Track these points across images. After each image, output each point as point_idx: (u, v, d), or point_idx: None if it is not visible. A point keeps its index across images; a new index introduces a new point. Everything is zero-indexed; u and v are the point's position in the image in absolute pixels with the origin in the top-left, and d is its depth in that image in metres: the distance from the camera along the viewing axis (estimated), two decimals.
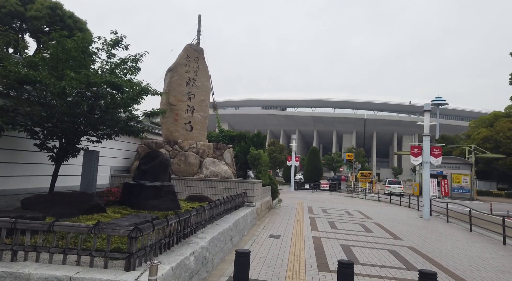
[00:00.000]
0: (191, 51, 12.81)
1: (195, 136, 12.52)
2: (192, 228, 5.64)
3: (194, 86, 12.67)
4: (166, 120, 12.39)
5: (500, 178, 48.60)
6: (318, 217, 13.15)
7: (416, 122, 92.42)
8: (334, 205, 18.75)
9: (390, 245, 8.50)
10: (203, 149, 12.07)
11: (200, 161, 11.92)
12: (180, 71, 12.52)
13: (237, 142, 16.63)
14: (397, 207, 19.94)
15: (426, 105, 15.37)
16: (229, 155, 12.63)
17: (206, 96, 13.05)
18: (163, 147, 11.84)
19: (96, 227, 3.72)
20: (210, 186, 11.04)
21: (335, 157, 70.14)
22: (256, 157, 13.54)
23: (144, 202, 7.29)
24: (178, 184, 11.01)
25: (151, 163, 8.78)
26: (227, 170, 11.99)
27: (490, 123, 49.38)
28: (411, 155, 16.17)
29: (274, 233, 9.23)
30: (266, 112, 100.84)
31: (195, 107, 12.60)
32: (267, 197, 14.22)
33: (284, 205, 17.30)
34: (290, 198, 22.22)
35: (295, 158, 32.46)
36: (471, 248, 8.92)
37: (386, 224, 12.40)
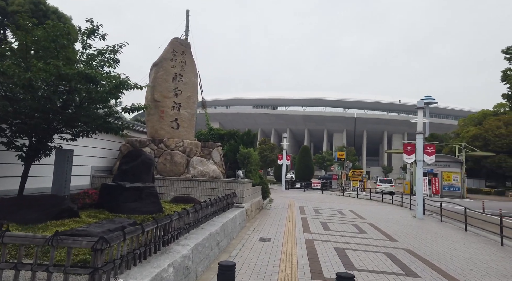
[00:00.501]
0: (177, 45, 12.23)
1: (182, 134, 11.95)
2: (174, 234, 5.11)
3: (181, 82, 12.09)
4: (151, 117, 11.80)
5: (488, 176, 49.08)
6: (310, 218, 12.73)
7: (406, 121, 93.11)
8: (326, 205, 18.38)
9: (386, 248, 8.10)
10: (190, 147, 11.52)
11: (187, 160, 11.37)
12: (166, 66, 11.93)
13: (226, 141, 16.11)
14: (389, 206, 19.68)
15: (419, 103, 15.09)
16: (217, 154, 12.10)
17: (194, 93, 12.49)
18: (148, 146, 11.26)
19: (54, 238, 3.18)
20: (197, 187, 10.50)
21: (326, 156, 70.05)
22: (246, 156, 13.04)
23: (123, 205, 6.72)
24: (163, 184, 10.45)
25: (132, 162, 8.20)
26: (215, 169, 11.46)
27: (479, 121, 49.83)
28: (404, 153, 15.88)
29: (264, 236, 8.75)
30: (257, 111, 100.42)
31: (181, 103, 12.03)
32: (258, 197, 13.74)
33: (275, 205, 16.85)
34: (282, 198, 21.79)
35: (286, 157, 32.07)
36: (468, 249, 8.58)
37: (380, 224, 12.04)
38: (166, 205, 8.09)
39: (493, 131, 43.46)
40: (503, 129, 42.86)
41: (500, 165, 42.47)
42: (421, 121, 15.06)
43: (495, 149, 41.89)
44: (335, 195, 27.68)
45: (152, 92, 11.77)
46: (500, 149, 41.97)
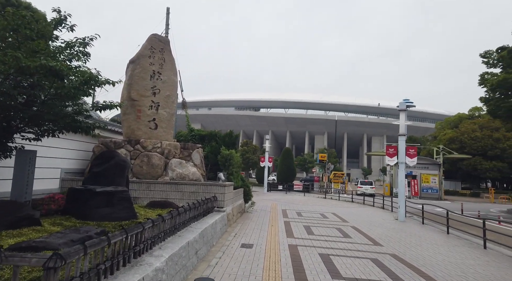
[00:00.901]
0: (155, 42, 11.68)
1: (160, 135, 11.40)
2: (147, 244, 4.64)
3: (159, 80, 11.55)
4: (127, 117, 11.19)
5: (464, 178, 50.50)
6: (293, 221, 12.42)
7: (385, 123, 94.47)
8: (308, 207, 18.16)
9: (372, 253, 7.86)
10: (169, 149, 10.99)
11: (165, 162, 10.83)
12: (143, 63, 11.36)
13: (207, 142, 15.61)
14: (371, 209, 19.67)
15: (402, 104, 15.09)
16: (198, 156, 11.61)
17: (173, 92, 11.96)
18: (123, 147, 10.65)
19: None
20: (176, 190, 9.99)
21: (307, 158, 70.40)
22: (228, 158, 12.61)
23: (93, 211, 6.17)
24: (139, 188, 9.88)
25: (105, 164, 7.63)
26: (195, 172, 10.97)
27: (455, 124, 51.29)
28: (386, 155, 15.86)
29: (246, 242, 8.34)
30: (239, 113, 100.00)
31: (160, 103, 11.48)
32: (239, 200, 13.32)
33: (257, 208, 16.47)
34: (264, 200, 21.44)
35: (268, 159, 31.78)
36: (453, 253, 8.46)
37: (363, 227, 11.86)
38: (141, 211, 7.56)
39: (469, 134, 44.78)
40: (478, 132, 44.23)
41: (476, 167, 43.76)
42: (404, 123, 15.07)
43: (471, 151, 43.15)
44: (317, 198, 27.59)
45: (128, 90, 11.16)
46: (475, 151, 43.27)
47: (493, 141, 43.02)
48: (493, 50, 19.68)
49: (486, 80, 19.22)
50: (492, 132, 43.68)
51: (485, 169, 43.01)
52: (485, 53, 19.74)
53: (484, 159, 43.17)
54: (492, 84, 18.03)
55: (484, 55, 19.77)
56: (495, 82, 17.71)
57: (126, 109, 11.16)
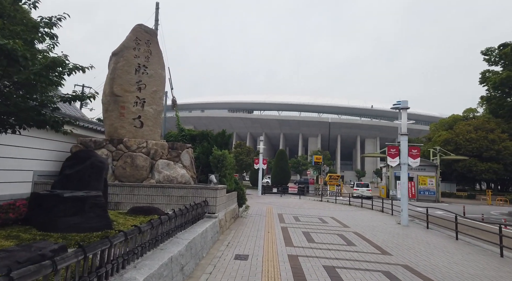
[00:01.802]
0: (141, 33, 10.75)
1: (146, 134, 10.44)
2: (116, 264, 3.70)
3: (145, 74, 10.60)
4: (109, 114, 10.21)
5: (458, 179, 50.18)
6: (290, 227, 11.53)
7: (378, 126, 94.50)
8: (305, 211, 17.29)
9: (382, 264, 7.00)
10: (155, 149, 10.03)
11: (151, 163, 9.87)
12: (127, 55, 10.41)
13: (199, 142, 14.70)
14: (370, 212, 18.88)
15: (403, 103, 14.34)
16: (187, 157, 10.67)
17: (160, 87, 11.02)
18: (104, 147, 9.66)
19: None
20: (162, 194, 9.03)
21: (301, 160, 69.67)
22: (220, 159, 11.68)
23: (59, 221, 5.21)
24: (121, 192, 8.91)
25: (79, 166, 6.67)
26: (184, 174, 10.02)
27: (450, 126, 51.01)
28: (387, 156, 15.08)
29: (240, 253, 7.42)
30: (232, 115, 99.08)
31: (146, 99, 10.53)
32: (233, 205, 12.39)
33: (252, 212, 15.54)
34: (258, 204, 20.53)
35: (262, 161, 30.88)
36: (470, 263, 7.65)
37: (366, 233, 11.02)
38: (120, 218, 6.60)
39: (463, 135, 44.46)
40: (473, 134, 43.92)
41: (471, 169, 43.42)
42: (405, 123, 14.32)
43: (466, 153, 42.79)
44: (313, 200, 26.74)
45: (110, 85, 10.19)
46: (470, 153, 42.93)
47: (488, 142, 42.72)
48: (495, 47, 19.14)
49: (487, 79, 18.65)
50: (487, 133, 43.40)
51: (481, 171, 42.67)
52: (487, 50, 19.16)
53: (479, 161, 42.85)
54: (494, 82, 17.42)
55: (486, 52, 19.19)
56: (498, 80, 17.11)
57: (108, 106, 10.20)
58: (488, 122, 45.54)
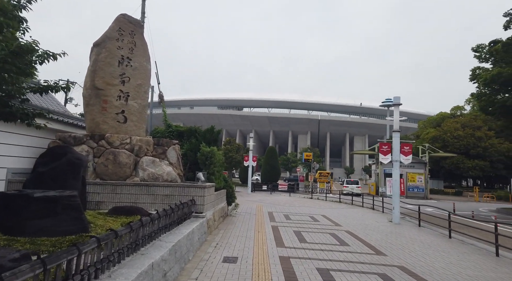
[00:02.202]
0: (124, 23, 10.18)
1: (130, 130, 9.91)
2: (87, 274, 3.25)
3: (129, 67, 10.05)
4: (91, 108, 9.64)
5: (446, 176, 50.82)
6: (281, 226, 11.18)
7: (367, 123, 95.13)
8: (296, 209, 16.99)
9: (377, 266, 6.69)
10: (140, 145, 9.52)
11: (135, 160, 9.36)
12: (110, 46, 9.83)
13: (187, 139, 14.20)
14: (360, 210, 18.70)
15: (396, 99, 14.11)
16: (174, 153, 10.19)
17: (145, 80, 10.48)
18: (85, 143, 9.11)
19: None
20: (147, 193, 8.55)
21: (290, 157, 69.68)
22: (208, 156, 11.23)
23: (28, 223, 4.71)
24: (103, 191, 8.40)
25: (54, 163, 6.15)
26: (170, 171, 9.55)
27: (438, 123, 51.51)
28: (379, 153, 14.87)
29: (229, 255, 7.02)
30: (222, 112, 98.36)
31: (130, 93, 9.99)
32: (222, 203, 11.97)
33: (241, 210, 15.15)
34: (248, 202, 20.15)
35: (252, 158, 30.50)
36: (467, 264, 7.42)
37: (359, 232, 10.75)
38: (99, 220, 6.11)
39: (451, 133, 44.92)
40: (460, 131, 44.41)
41: (458, 166, 43.92)
42: (398, 119, 14.10)
43: (454, 150, 43.25)
44: (303, 198, 26.51)
45: (92, 77, 9.62)
46: (458, 150, 43.40)
47: (475, 140, 43.26)
48: (485, 44, 19.12)
49: (478, 75, 18.64)
50: (474, 131, 43.95)
51: (468, 168, 43.20)
52: (477, 47, 19.13)
53: (467, 158, 43.37)
54: (485, 78, 17.37)
55: (476, 49, 19.16)
56: (489, 76, 17.05)
57: (89, 100, 9.63)
58: (475, 119, 46.14)
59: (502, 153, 42.22)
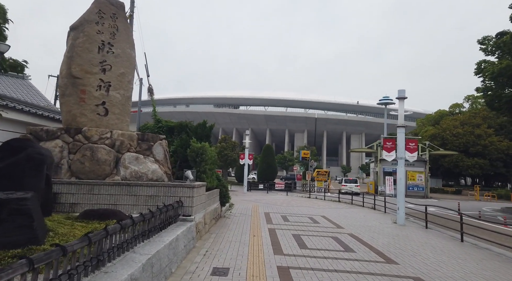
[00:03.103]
0: (105, 5, 9.19)
1: (112, 123, 8.95)
2: None
3: (111, 54, 9.08)
4: (67, 99, 8.67)
5: (444, 175, 50.21)
6: (279, 229, 10.27)
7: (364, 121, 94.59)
8: (294, 209, 16.09)
9: (391, 277, 5.80)
10: (122, 140, 8.56)
11: (116, 157, 8.40)
12: (89, 30, 8.85)
13: (177, 135, 13.26)
14: (361, 210, 17.85)
15: (400, 92, 13.24)
16: (160, 149, 9.24)
17: (129, 69, 9.52)
18: (59, 137, 8.14)
19: None
20: (128, 193, 7.60)
21: (287, 156, 68.79)
22: (199, 152, 10.29)
23: None
24: (78, 191, 7.44)
25: (10, 158, 5.20)
26: (156, 169, 8.60)
27: (436, 121, 50.91)
28: (383, 150, 14.03)
29: (220, 265, 6.09)
30: (218, 110, 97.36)
31: (112, 82, 9.02)
32: (214, 204, 11.04)
33: (236, 211, 14.23)
34: (243, 202, 19.24)
35: (248, 156, 29.58)
36: (488, 273, 6.56)
37: (364, 235, 9.87)
38: (63, 227, 5.15)
39: (450, 130, 44.26)
40: (459, 129, 43.77)
41: (457, 164, 43.28)
42: (402, 113, 13.24)
43: (453, 148, 42.58)
44: (301, 197, 25.64)
45: (68, 64, 8.64)
46: (457, 148, 42.74)
47: (475, 138, 42.63)
48: (492, 36, 18.30)
49: (484, 69, 17.83)
50: (474, 129, 43.32)
51: (467, 166, 42.58)
52: (483, 39, 18.30)
53: (466, 156, 42.73)
54: (493, 72, 16.54)
55: (482, 41, 18.34)
56: (497, 69, 16.22)
57: (65, 89, 8.65)
58: (474, 117, 45.54)
59: (502, 151, 41.62)
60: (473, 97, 51.14)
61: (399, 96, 13.24)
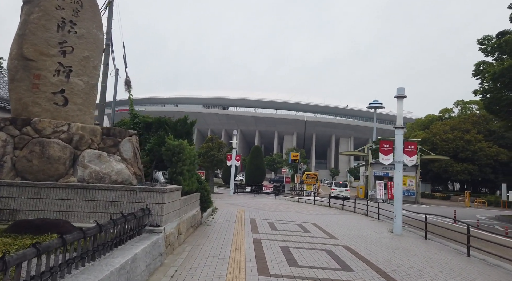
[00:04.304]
0: None
1: (73, 115, 7.62)
2: None
3: (73, 34, 7.76)
4: (17, 85, 7.30)
5: (433, 180, 49.91)
6: (265, 239, 9.08)
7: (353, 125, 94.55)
8: (282, 216, 14.92)
9: None
10: (81, 134, 7.24)
11: (74, 154, 7.08)
12: (46, 5, 7.51)
13: (154, 131, 11.95)
14: (353, 216, 16.83)
15: (399, 90, 12.25)
16: (130, 147, 7.94)
17: (96, 53, 8.20)
18: (2, 129, 6.77)
19: None
20: (84, 198, 6.30)
21: (276, 158, 67.79)
22: (176, 151, 9.02)
23: None
24: (22, 194, 6.10)
25: None
26: (122, 170, 7.30)
27: (426, 126, 50.64)
28: (380, 152, 12.96)
29: None
30: (207, 111, 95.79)
31: (73, 67, 7.70)
32: (193, 210, 9.77)
33: (219, 217, 12.99)
34: (229, 205, 17.99)
35: (236, 157, 28.34)
36: None
37: (360, 248, 8.76)
38: None
39: (440, 135, 43.96)
40: (449, 134, 43.48)
41: (447, 170, 42.97)
42: (401, 114, 12.24)
43: (442, 153, 42.24)
44: (289, 201, 24.52)
45: (19, 44, 7.29)
46: (446, 153, 42.41)
47: (464, 143, 42.38)
48: (492, 36, 17.58)
49: (483, 70, 17.11)
50: (463, 134, 43.08)
51: (456, 172, 42.29)
52: (483, 38, 17.56)
53: (455, 161, 42.43)
54: (494, 72, 15.75)
55: (482, 41, 17.61)
56: (498, 70, 15.44)
57: (15, 73, 7.29)
58: (464, 122, 45.36)
59: (491, 157, 41.45)
60: (463, 102, 51.13)
61: (398, 94, 12.24)
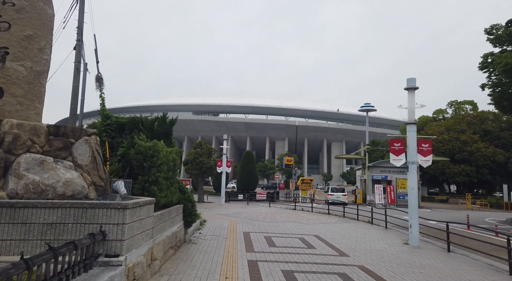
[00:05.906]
0: None
1: (10, 110, 5.88)
2: None
3: (10, 6, 6.05)
4: None
5: (429, 182, 48.84)
6: (263, 261, 7.37)
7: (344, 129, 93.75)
8: (279, 227, 13.22)
9: None
10: (17, 134, 5.48)
11: (6, 160, 5.31)
12: None
13: (128, 133, 10.21)
14: (358, 225, 15.23)
15: (410, 81, 10.77)
16: (86, 150, 6.18)
17: (42, 32, 6.49)
18: None
19: None
20: (11, 221, 4.54)
21: (268, 164, 66.16)
22: (148, 154, 7.28)
23: None
24: None
25: None
26: (73, 180, 5.55)
27: (420, 127, 49.66)
28: (390, 153, 11.42)
29: None
30: (197, 118, 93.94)
31: (10, 48, 5.98)
32: (172, 227, 8.01)
33: (207, 231, 11.25)
34: (219, 216, 16.21)
35: (226, 163, 26.60)
36: None
37: (380, 268, 7.12)
38: None
39: (436, 136, 42.93)
40: (445, 135, 42.51)
41: (444, 171, 41.88)
42: (413, 108, 10.75)
43: (438, 154, 41.14)
44: (285, 209, 22.80)
45: None
46: (443, 154, 41.33)
47: (461, 144, 41.42)
48: (501, 25, 16.38)
49: (492, 63, 15.85)
50: (459, 135, 42.16)
51: (453, 173, 41.19)
52: (491, 28, 16.33)
53: (452, 163, 41.38)
54: (506, 63, 14.43)
55: (490, 31, 16.39)
56: (511, 60, 14.13)
57: None
58: (459, 123, 44.51)
59: (488, 158, 40.52)
60: (457, 103, 50.44)
61: (409, 85, 10.76)
